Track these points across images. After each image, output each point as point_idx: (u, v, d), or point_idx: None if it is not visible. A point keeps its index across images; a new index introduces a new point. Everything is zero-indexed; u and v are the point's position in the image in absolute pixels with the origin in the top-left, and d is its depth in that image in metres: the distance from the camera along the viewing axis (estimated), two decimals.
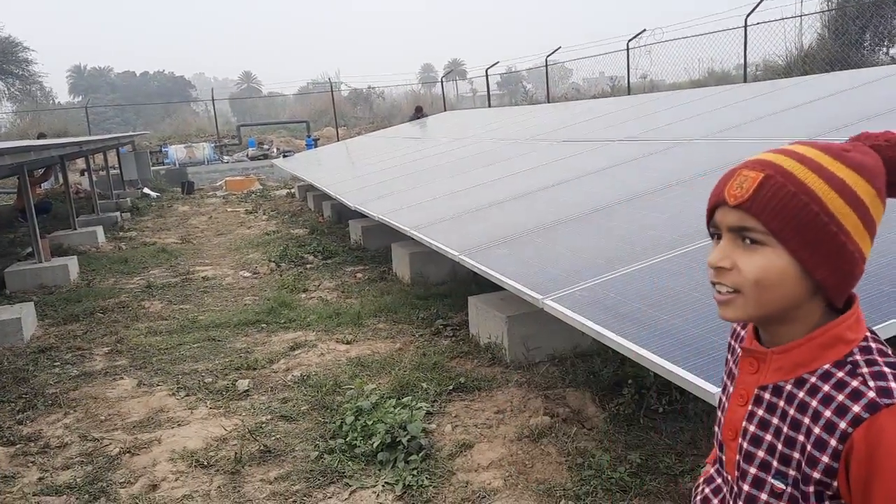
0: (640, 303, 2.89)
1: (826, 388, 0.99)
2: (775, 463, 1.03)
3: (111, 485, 3.44)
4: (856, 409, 0.95)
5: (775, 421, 1.04)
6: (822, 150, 1.00)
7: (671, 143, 6.08)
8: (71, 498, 3.34)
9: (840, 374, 0.99)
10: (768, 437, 1.04)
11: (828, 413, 0.97)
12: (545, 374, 4.27)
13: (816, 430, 0.98)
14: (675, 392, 3.64)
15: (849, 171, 0.98)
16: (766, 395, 1.06)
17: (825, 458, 0.96)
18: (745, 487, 1.06)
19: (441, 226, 5.40)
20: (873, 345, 1.01)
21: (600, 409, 3.73)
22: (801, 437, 1.00)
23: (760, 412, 1.06)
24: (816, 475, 0.98)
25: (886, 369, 0.98)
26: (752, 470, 1.06)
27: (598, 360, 4.25)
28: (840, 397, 0.97)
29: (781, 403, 1.04)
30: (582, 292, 3.19)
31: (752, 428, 1.07)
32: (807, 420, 0.99)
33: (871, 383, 0.96)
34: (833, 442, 0.96)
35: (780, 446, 1.03)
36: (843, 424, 0.95)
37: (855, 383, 0.97)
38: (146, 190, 17.50)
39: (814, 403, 0.99)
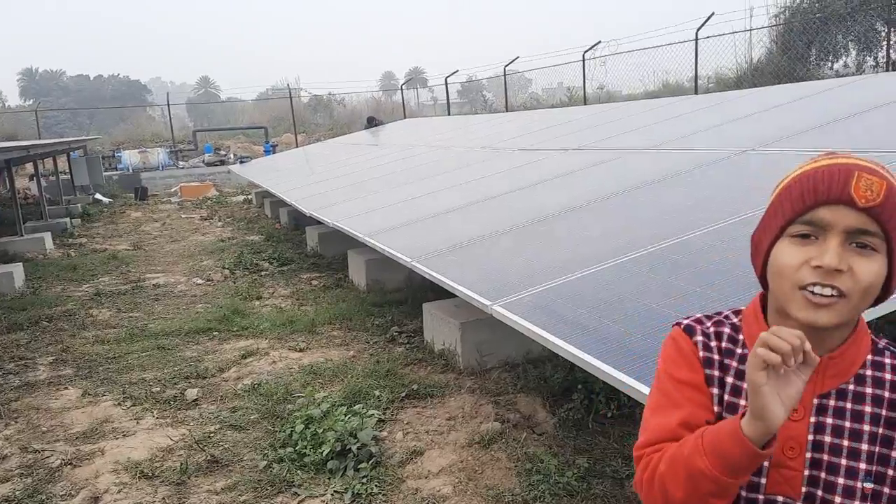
0: (585, 308, 2.93)
1: (888, 376, 1.04)
2: (863, 465, 1.02)
3: (51, 497, 3.34)
4: None
5: (848, 424, 1.03)
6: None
7: (621, 152, 6.18)
8: None
9: (889, 361, 1.05)
10: (846, 443, 1.03)
11: None
12: (497, 380, 4.29)
13: None
14: (624, 397, 3.69)
15: None
16: (831, 402, 1.04)
17: None
18: (837, 500, 1.02)
19: (396, 232, 5.40)
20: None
21: (550, 415, 3.77)
22: (882, 430, 1.02)
23: (830, 420, 1.04)
24: None
25: None
26: (840, 480, 1.02)
27: (549, 365, 4.29)
28: None
29: (849, 405, 1.04)
30: (530, 298, 3.22)
31: (827, 438, 1.03)
32: (884, 412, 1.02)
33: None
34: None
35: (866, 447, 1.02)
36: None
37: None
38: (98, 196, 17.10)
39: (887, 394, 1.03)
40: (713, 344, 1.10)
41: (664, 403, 1.10)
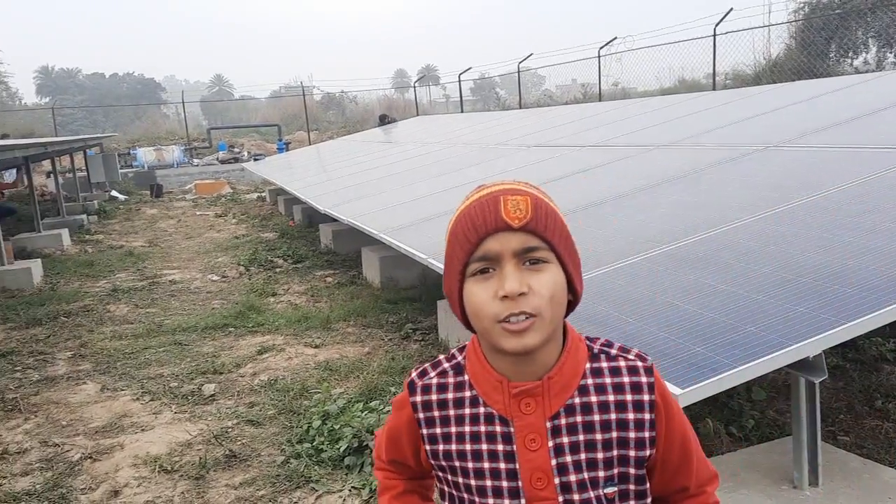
0: (603, 305, 2.91)
1: (608, 380, 1.07)
2: (602, 473, 1.05)
3: (71, 491, 3.36)
4: (643, 379, 1.07)
5: (583, 437, 1.05)
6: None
7: (640, 148, 6.14)
8: None
9: (605, 364, 1.08)
10: (583, 456, 1.05)
11: (629, 397, 1.06)
12: None
13: (631, 416, 1.06)
14: None
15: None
16: (563, 421, 1.05)
17: (647, 433, 1.06)
18: None
19: (410, 229, 5.40)
20: (582, 334, 1.12)
21: None
22: (615, 434, 1.05)
23: (566, 439, 1.05)
24: (649, 451, 1.06)
25: (614, 342, 1.13)
26: (592, 494, 1.05)
27: None
28: (626, 379, 1.07)
29: (579, 418, 1.06)
30: None
31: (568, 458, 1.05)
32: (614, 415, 1.05)
33: (629, 355, 1.10)
34: (647, 416, 1.06)
35: (601, 455, 1.05)
36: (647, 397, 1.06)
37: (622, 363, 1.08)
38: (114, 193, 17.23)
39: (611, 398, 1.06)
40: (433, 398, 1.12)
41: (387, 442, 1.23)
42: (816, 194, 3.60)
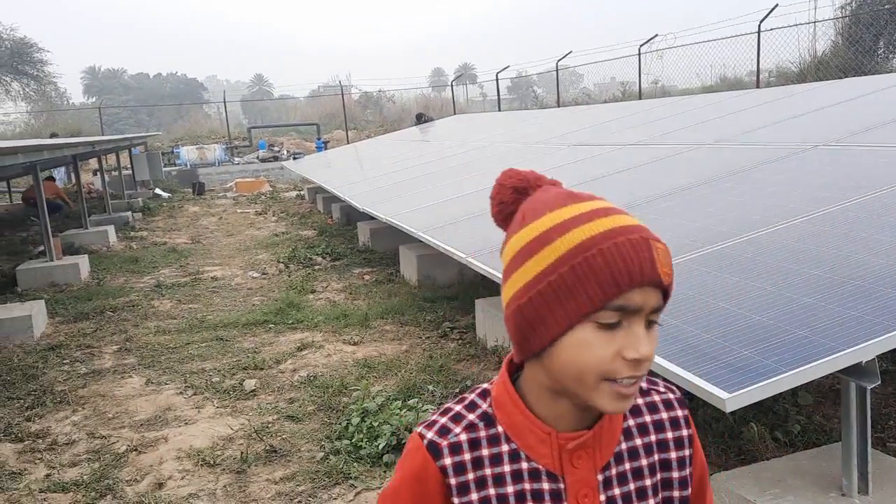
0: None
1: (648, 418, 1.00)
2: None
3: (118, 482, 3.44)
4: (679, 413, 1.01)
5: (633, 486, 0.97)
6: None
7: (683, 147, 6.05)
8: (77, 495, 3.35)
9: (641, 401, 1.00)
10: None
11: (670, 434, 1.00)
12: None
13: (674, 455, 0.99)
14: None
15: None
16: (613, 472, 0.97)
17: (688, 470, 1.01)
18: None
19: (449, 228, 5.40)
20: None
21: None
22: (660, 476, 0.99)
23: (617, 491, 0.96)
24: (690, 490, 1.01)
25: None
26: None
27: None
28: (664, 415, 1.00)
29: (627, 466, 0.97)
30: None
31: None
32: (657, 456, 0.99)
33: (659, 388, 1.03)
34: (687, 452, 1.01)
35: (653, 501, 0.98)
36: (685, 432, 1.01)
37: (657, 398, 1.01)
38: (157, 190, 17.58)
39: (653, 438, 0.99)
40: (467, 458, 0.95)
41: None
42: (869, 194, 3.50)
